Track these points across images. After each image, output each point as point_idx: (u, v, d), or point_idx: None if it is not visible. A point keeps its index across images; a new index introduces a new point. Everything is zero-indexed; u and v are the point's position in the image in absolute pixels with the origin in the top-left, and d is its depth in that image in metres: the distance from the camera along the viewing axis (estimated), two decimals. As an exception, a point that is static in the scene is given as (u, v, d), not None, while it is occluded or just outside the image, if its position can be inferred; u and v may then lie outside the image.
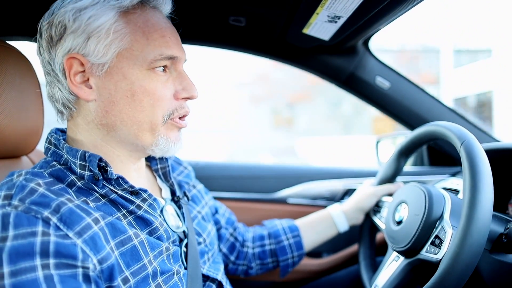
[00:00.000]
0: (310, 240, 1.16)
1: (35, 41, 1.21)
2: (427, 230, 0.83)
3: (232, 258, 1.10)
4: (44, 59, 0.71)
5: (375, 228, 1.18)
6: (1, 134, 0.81)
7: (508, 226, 0.75)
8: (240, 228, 1.14)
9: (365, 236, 1.19)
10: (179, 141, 0.76)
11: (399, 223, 0.93)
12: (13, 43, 0.86)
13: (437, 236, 0.81)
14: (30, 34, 1.17)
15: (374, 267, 1.15)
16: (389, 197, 1.10)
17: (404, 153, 1.10)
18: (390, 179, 1.16)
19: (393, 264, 0.96)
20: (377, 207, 1.15)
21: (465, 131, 0.81)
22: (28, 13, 1.08)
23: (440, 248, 0.78)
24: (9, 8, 1.04)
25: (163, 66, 0.71)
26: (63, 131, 0.79)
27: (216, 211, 1.09)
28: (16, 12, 1.07)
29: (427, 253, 0.81)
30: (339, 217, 1.16)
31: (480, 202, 0.68)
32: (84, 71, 0.68)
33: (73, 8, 0.66)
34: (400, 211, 0.95)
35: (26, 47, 1.09)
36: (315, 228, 1.17)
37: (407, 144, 1.07)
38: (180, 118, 0.75)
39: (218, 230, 1.07)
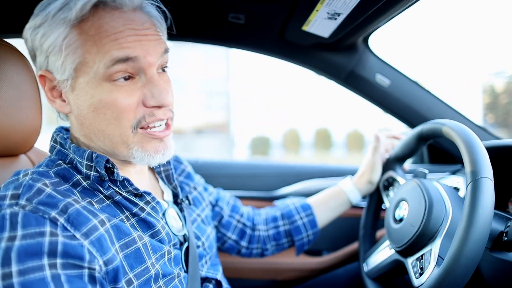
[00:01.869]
0: (323, 217, 1.15)
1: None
2: (424, 236, 0.82)
3: (244, 243, 1.10)
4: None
5: (382, 201, 1.17)
6: (-1, 132, 0.80)
7: (509, 224, 0.75)
8: (248, 213, 1.14)
9: (371, 205, 1.19)
10: (160, 152, 0.71)
11: (399, 221, 0.93)
12: (11, 41, 0.86)
13: (422, 257, 0.81)
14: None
15: (373, 239, 1.16)
16: (401, 179, 1.07)
17: (424, 138, 1.01)
18: (401, 158, 1.13)
19: (385, 251, 0.97)
20: (387, 183, 1.14)
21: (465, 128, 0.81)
22: (26, 10, 1.07)
23: (422, 274, 0.78)
24: (6, 6, 1.03)
25: (128, 74, 0.66)
26: (67, 129, 0.79)
27: (217, 202, 1.08)
28: (14, 10, 1.06)
29: (413, 267, 0.82)
30: (351, 192, 1.15)
31: (481, 203, 0.68)
32: (54, 87, 0.69)
33: (30, 27, 0.65)
34: (400, 209, 0.94)
35: (24, 45, 1.08)
36: (328, 205, 1.16)
37: (428, 130, 0.97)
38: (156, 127, 0.70)
39: (221, 220, 1.07)
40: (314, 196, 1.20)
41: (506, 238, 0.73)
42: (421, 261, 0.81)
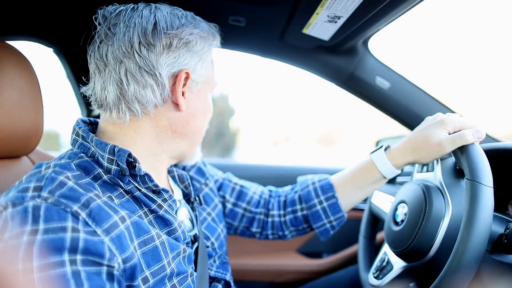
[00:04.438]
0: (350, 199, 1.00)
1: (35, 41, 1.22)
2: (424, 239, 0.83)
3: (256, 229, 1.07)
4: (148, 60, 0.70)
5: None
6: (1, 134, 0.80)
7: (508, 226, 0.75)
8: (260, 198, 1.08)
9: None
10: (198, 153, 0.92)
11: (399, 223, 0.93)
12: (13, 43, 0.86)
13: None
14: (31, 34, 1.18)
15: (373, 246, 1.16)
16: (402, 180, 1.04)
17: None
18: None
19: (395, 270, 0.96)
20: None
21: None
22: (28, 13, 1.07)
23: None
24: (9, 8, 1.04)
25: None
26: (85, 122, 0.80)
27: (219, 191, 1.06)
28: (16, 12, 1.07)
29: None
30: (385, 166, 0.92)
31: (480, 208, 0.68)
32: (185, 84, 0.76)
33: (199, 33, 0.77)
34: (400, 211, 0.95)
35: (26, 47, 1.09)
36: (356, 183, 0.98)
37: None
38: None
39: (224, 209, 1.06)
40: (340, 172, 1.03)
41: (506, 241, 0.73)
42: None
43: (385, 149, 0.93)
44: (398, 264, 0.94)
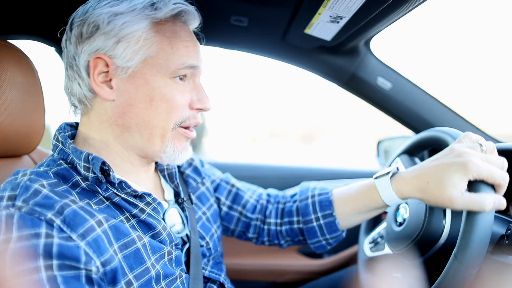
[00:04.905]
0: (349, 220, 0.93)
1: (37, 40, 1.22)
2: (425, 240, 0.82)
3: (252, 235, 1.04)
4: (69, 53, 0.72)
5: None
6: (2, 133, 0.81)
7: (510, 227, 0.75)
8: (257, 202, 1.04)
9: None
10: (186, 151, 0.79)
11: (400, 224, 0.93)
12: (14, 42, 0.86)
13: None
14: (32, 33, 1.18)
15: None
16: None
17: (422, 146, 0.99)
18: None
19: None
20: None
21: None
22: (30, 12, 1.08)
23: None
24: (11, 7, 1.04)
25: (183, 76, 0.74)
26: (72, 126, 0.79)
27: (215, 192, 1.04)
28: (18, 11, 1.07)
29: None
30: (387, 194, 0.83)
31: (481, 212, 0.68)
32: (107, 71, 0.70)
33: (110, 11, 0.68)
34: (402, 212, 0.95)
35: (28, 46, 1.09)
36: (357, 206, 0.90)
37: (410, 147, 1.02)
38: (188, 128, 0.78)
39: (220, 212, 1.03)
40: (343, 188, 0.95)
41: (507, 241, 0.73)
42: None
43: (392, 174, 0.82)
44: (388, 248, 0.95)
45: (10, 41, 0.85)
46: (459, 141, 0.75)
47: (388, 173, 0.82)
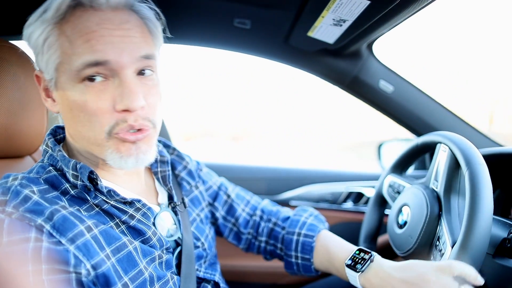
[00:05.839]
0: (325, 268, 0.93)
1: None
2: (431, 231, 0.83)
3: (243, 246, 1.05)
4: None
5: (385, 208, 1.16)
6: (4, 133, 0.81)
7: (511, 230, 0.75)
8: (249, 217, 1.04)
9: (373, 213, 1.16)
10: (133, 155, 0.67)
11: (402, 226, 0.93)
12: (16, 42, 0.86)
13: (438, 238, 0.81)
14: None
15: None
16: (405, 183, 1.05)
17: (421, 151, 1.06)
18: (403, 165, 1.12)
19: None
20: (391, 189, 1.09)
21: (461, 139, 0.82)
22: (30, 12, 1.08)
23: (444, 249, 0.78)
24: (12, 7, 1.04)
25: (101, 75, 0.63)
26: (63, 128, 0.79)
27: (214, 201, 1.03)
28: (20, 12, 1.07)
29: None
30: (353, 280, 0.81)
31: (480, 211, 0.69)
32: (46, 87, 0.69)
33: (26, 25, 0.66)
34: (403, 214, 0.95)
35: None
36: (332, 263, 0.89)
37: (398, 163, 1.09)
38: (130, 131, 0.66)
39: (216, 221, 1.03)
40: (328, 241, 0.93)
41: (509, 245, 0.74)
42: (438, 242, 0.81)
43: (366, 262, 0.78)
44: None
45: (11, 41, 0.85)
46: (440, 269, 0.67)
47: (356, 269, 0.79)
